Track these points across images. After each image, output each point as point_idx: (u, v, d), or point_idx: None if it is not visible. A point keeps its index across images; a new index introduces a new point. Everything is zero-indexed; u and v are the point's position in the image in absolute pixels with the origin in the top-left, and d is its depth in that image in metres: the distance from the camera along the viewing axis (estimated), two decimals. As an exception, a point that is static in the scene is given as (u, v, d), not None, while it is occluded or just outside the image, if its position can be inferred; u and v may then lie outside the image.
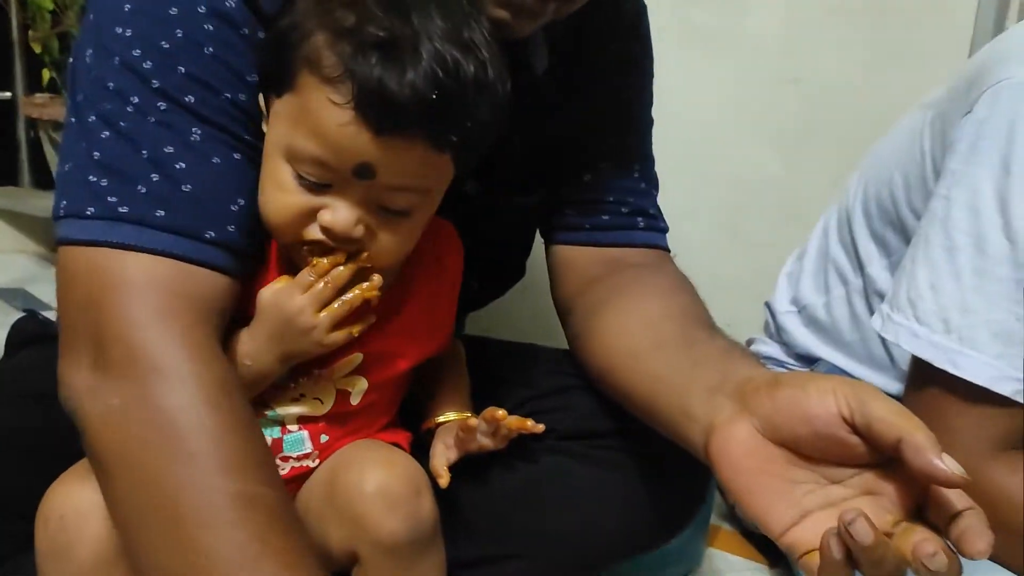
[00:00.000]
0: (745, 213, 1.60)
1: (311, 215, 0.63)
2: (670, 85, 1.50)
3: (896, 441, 0.52)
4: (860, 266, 1.06)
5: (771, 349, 1.19)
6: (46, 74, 2.00)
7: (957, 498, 0.52)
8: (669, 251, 0.91)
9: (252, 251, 0.66)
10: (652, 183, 0.91)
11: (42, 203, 2.01)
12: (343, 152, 0.60)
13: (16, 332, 0.86)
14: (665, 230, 0.91)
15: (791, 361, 1.16)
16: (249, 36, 0.63)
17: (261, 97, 0.64)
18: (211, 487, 0.57)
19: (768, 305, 1.21)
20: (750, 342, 1.25)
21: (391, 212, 0.64)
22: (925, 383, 0.81)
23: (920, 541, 0.50)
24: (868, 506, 0.55)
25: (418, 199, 0.65)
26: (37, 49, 1.98)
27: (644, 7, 0.90)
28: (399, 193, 0.63)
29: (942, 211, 0.82)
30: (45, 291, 1.88)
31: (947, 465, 0.51)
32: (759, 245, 1.55)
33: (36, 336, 0.84)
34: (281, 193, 0.63)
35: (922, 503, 0.55)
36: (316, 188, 0.62)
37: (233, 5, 0.62)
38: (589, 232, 0.87)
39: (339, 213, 0.62)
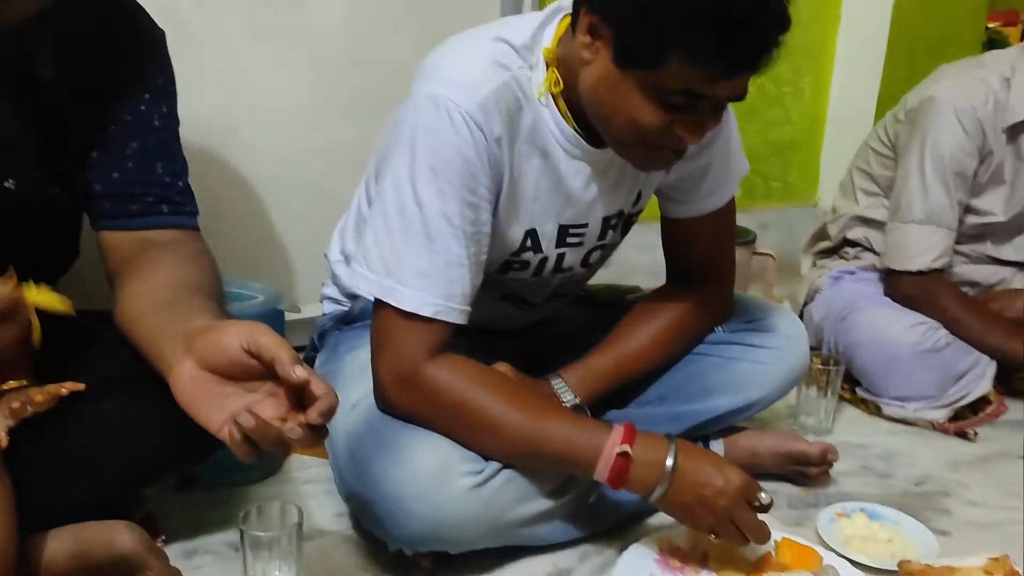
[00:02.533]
0: (333, 177, 1.88)
1: None
2: (253, 75, 1.76)
3: (272, 360, 0.83)
4: None
5: (331, 291, 1.47)
6: None
7: (323, 393, 0.83)
8: (197, 229, 1.17)
9: None
10: (178, 175, 1.15)
11: None
12: None
13: None
14: (192, 213, 1.16)
15: (343, 299, 1.45)
16: None
17: None
18: None
19: (326, 256, 1.50)
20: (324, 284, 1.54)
21: None
22: (378, 311, 1.12)
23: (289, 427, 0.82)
24: (270, 403, 0.87)
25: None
26: None
27: (163, 35, 1.13)
28: None
29: (380, 187, 1.13)
30: None
31: (297, 373, 0.82)
32: (345, 206, 1.84)
33: None
34: None
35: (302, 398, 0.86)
36: None
37: None
38: (123, 220, 1.11)
39: None
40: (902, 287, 1.75)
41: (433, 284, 1.08)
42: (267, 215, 1.83)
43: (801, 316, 1.93)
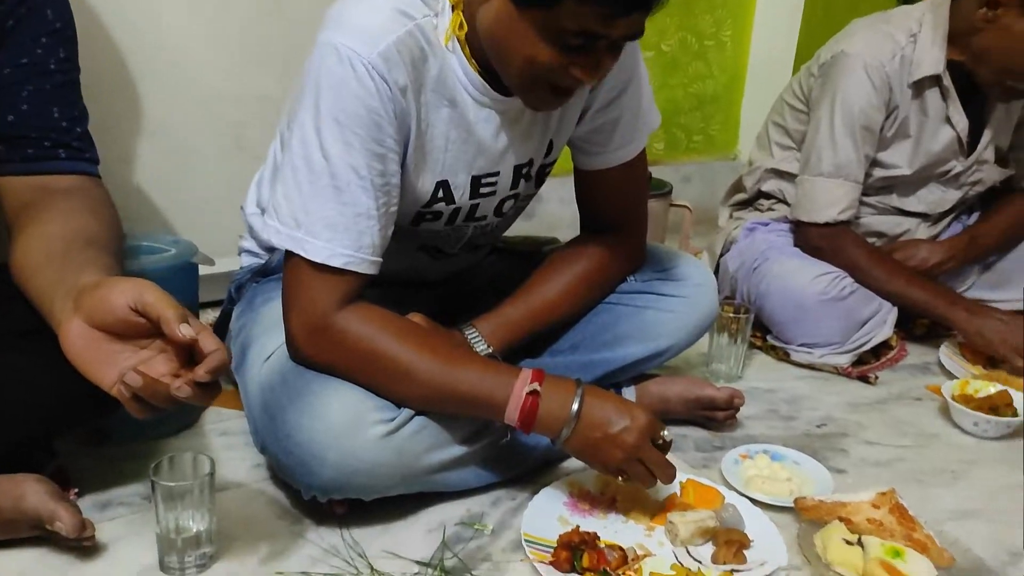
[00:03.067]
0: (252, 128, 1.86)
1: None
2: (168, 22, 1.72)
3: (158, 319, 0.83)
4: None
5: (248, 243, 1.46)
6: None
7: (212, 350, 0.84)
8: (97, 175, 1.15)
9: None
10: (76, 121, 1.13)
11: None
12: None
13: None
14: (92, 160, 1.14)
15: (261, 251, 1.44)
16: None
17: None
18: None
19: (242, 208, 1.49)
20: (241, 236, 1.53)
21: None
22: (289, 264, 1.12)
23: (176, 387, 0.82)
24: (162, 359, 0.88)
25: None
26: None
27: None
28: None
29: (288, 140, 1.12)
30: None
31: (183, 331, 0.83)
32: (261, 157, 1.82)
33: None
34: None
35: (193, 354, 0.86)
36: None
37: None
38: (19, 164, 1.09)
39: None
40: (810, 238, 1.81)
41: (342, 235, 1.09)
42: (182, 167, 1.80)
43: (718, 267, 1.99)
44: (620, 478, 1.15)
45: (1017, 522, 1.27)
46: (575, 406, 1.09)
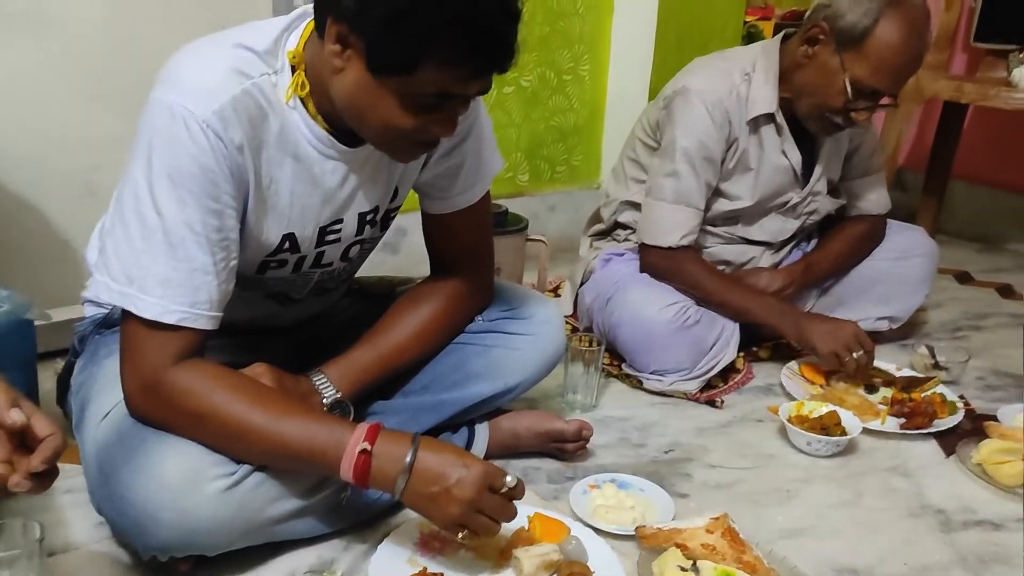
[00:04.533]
0: (103, 171, 1.82)
1: None
2: (25, 74, 1.66)
3: None
4: None
5: (91, 293, 1.41)
6: None
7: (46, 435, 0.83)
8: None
9: None
10: None
11: None
12: None
13: None
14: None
15: (104, 302, 1.40)
16: None
17: None
18: None
19: (86, 256, 1.45)
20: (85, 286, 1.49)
21: None
22: (125, 320, 1.11)
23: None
24: None
25: None
26: None
27: None
28: None
29: (118, 196, 1.11)
30: None
31: (13, 417, 0.82)
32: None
33: None
34: None
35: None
36: None
37: None
38: None
39: None
40: (653, 260, 1.89)
41: (176, 292, 1.09)
42: (25, 215, 1.75)
43: (578, 296, 2.05)
44: (460, 534, 1.13)
45: (843, 538, 1.36)
46: (408, 459, 1.10)
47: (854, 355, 1.77)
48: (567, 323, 2.06)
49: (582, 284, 2.04)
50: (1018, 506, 1.47)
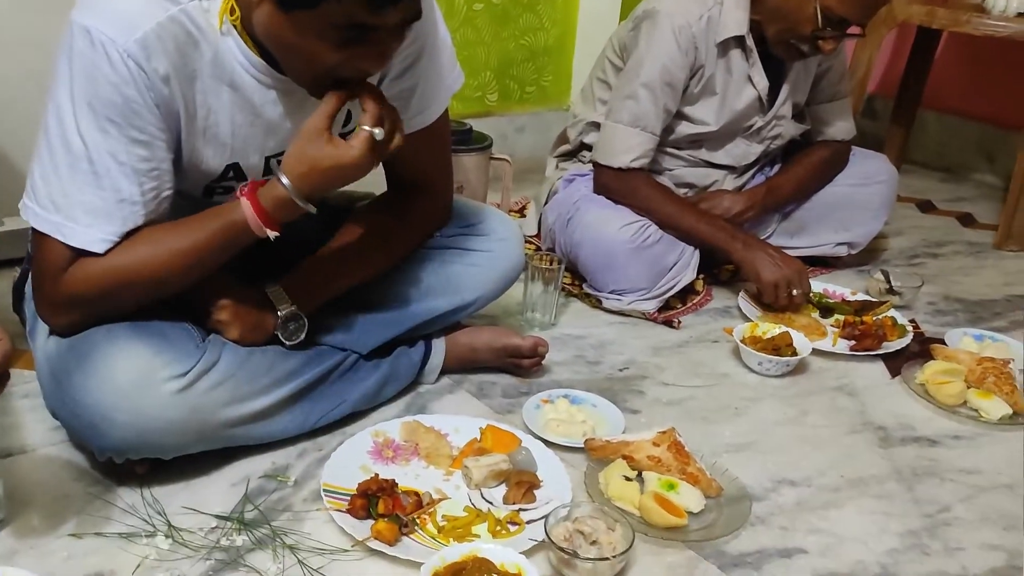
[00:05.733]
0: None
1: None
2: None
3: None
4: None
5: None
6: None
7: None
8: None
9: None
10: None
11: None
12: None
13: None
14: None
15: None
16: None
17: None
18: None
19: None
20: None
21: None
22: (39, 245, 1.10)
23: None
24: None
25: None
26: None
27: None
28: None
29: (45, 118, 1.07)
30: None
31: None
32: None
33: None
34: None
35: None
36: None
37: None
38: None
39: None
40: (604, 180, 1.89)
41: (104, 221, 1.08)
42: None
43: (542, 216, 2.06)
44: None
45: (784, 452, 1.41)
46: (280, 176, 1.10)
47: (793, 292, 1.80)
48: (531, 243, 2.07)
49: (545, 204, 2.05)
50: (954, 424, 1.53)
